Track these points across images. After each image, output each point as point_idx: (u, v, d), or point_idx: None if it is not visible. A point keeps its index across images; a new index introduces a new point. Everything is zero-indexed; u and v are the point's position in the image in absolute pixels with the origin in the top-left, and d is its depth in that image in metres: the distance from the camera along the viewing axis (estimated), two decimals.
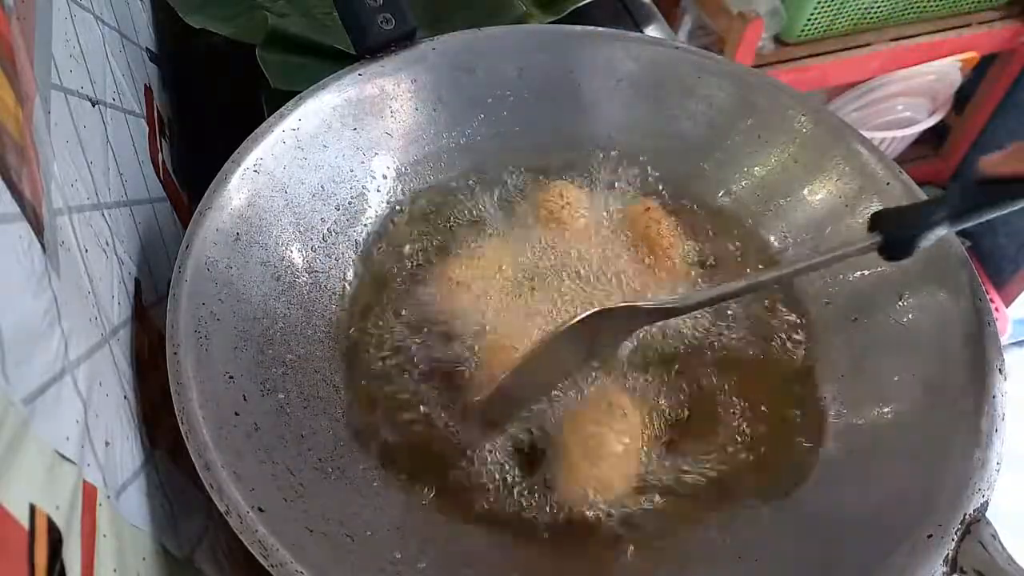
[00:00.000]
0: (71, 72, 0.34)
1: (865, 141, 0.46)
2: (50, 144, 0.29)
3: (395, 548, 0.34)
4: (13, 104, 0.25)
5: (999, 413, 0.35)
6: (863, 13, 1.09)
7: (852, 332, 0.42)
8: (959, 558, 0.31)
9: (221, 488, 0.30)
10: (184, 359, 0.34)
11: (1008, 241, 1.37)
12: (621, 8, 0.72)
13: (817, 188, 0.47)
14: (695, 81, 0.50)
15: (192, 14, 0.59)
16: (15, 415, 0.20)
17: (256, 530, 0.30)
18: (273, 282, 0.41)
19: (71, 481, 0.23)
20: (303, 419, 0.38)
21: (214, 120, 0.57)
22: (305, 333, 0.41)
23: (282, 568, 0.29)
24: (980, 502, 0.32)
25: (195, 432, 0.32)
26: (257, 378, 0.37)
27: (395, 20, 0.46)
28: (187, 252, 0.37)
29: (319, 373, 0.40)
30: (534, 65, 0.51)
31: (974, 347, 0.37)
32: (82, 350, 0.27)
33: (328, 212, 0.45)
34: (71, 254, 0.28)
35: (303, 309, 0.42)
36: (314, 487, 0.35)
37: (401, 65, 0.48)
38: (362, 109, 0.47)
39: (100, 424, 0.27)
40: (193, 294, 0.36)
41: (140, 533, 0.29)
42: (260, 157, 0.42)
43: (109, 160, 0.37)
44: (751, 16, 1.03)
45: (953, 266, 0.40)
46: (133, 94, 0.46)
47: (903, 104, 1.25)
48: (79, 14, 0.38)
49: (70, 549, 0.22)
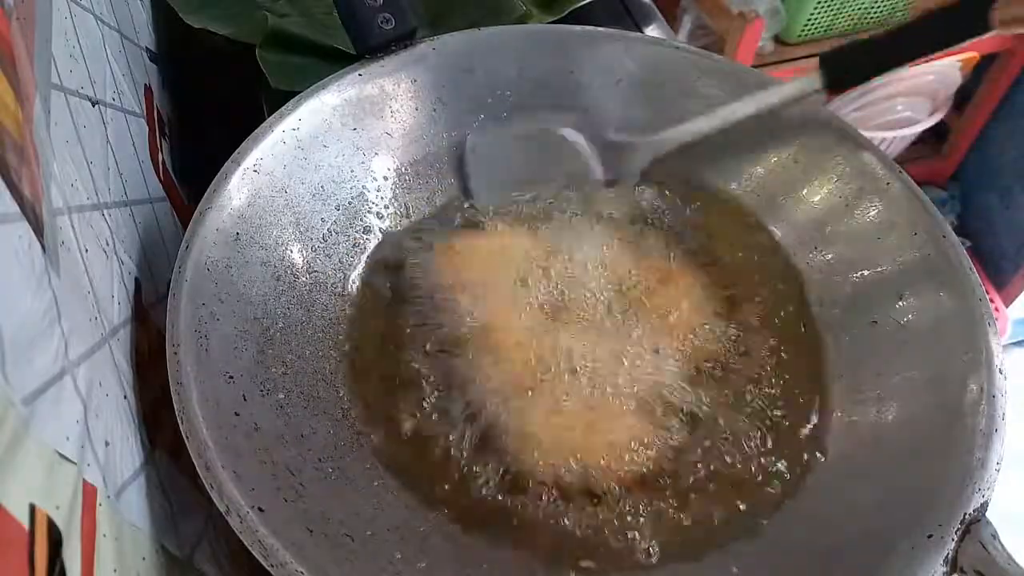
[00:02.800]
0: (71, 72, 0.34)
1: (865, 141, 0.46)
2: (50, 144, 0.29)
3: (395, 548, 0.34)
4: (13, 104, 0.25)
5: (999, 413, 0.35)
6: (863, 13, 1.09)
7: (852, 332, 0.42)
8: (959, 558, 0.31)
9: (221, 488, 0.30)
10: (184, 359, 0.34)
11: (1008, 241, 1.37)
12: (621, 8, 0.72)
13: (817, 188, 0.47)
14: (695, 81, 0.50)
15: (192, 14, 0.59)
16: (15, 415, 0.20)
17: (256, 530, 0.30)
18: (273, 282, 0.41)
19: (71, 481, 0.23)
20: (303, 419, 0.38)
21: (214, 120, 0.57)
22: (305, 333, 0.41)
23: (282, 568, 0.29)
24: (980, 502, 0.32)
25: (195, 432, 0.32)
26: (257, 378, 0.37)
27: (395, 20, 0.46)
28: (187, 252, 0.37)
29: (319, 373, 0.40)
30: (534, 65, 0.51)
31: (974, 347, 0.37)
32: (82, 350, 0.27)
33: (328, 212, 0.45)
34: (71, 254, 0.28)
35: (303, 309, 0.42)
36: (314, 487, 0.35)
37: (401, 65, 0.48)
38: (362, 109, 0.47)
39: (100, 424, 0.27)
40: (193, 294, 0.36)
41: (140, 533, 0.29)
42: (260, 157, 0.42)
43: (109, 160, 0.37)
44: (751, 16, 1.03)
45: (953, 266, 0.40)
46: (133, 94, 0.46)
47: (903, 104, 1.25)
48: (79, 14, 0.38)
49: (70, 549, 0.22)
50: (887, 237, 0.43)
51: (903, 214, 0.43)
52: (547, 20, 0.62)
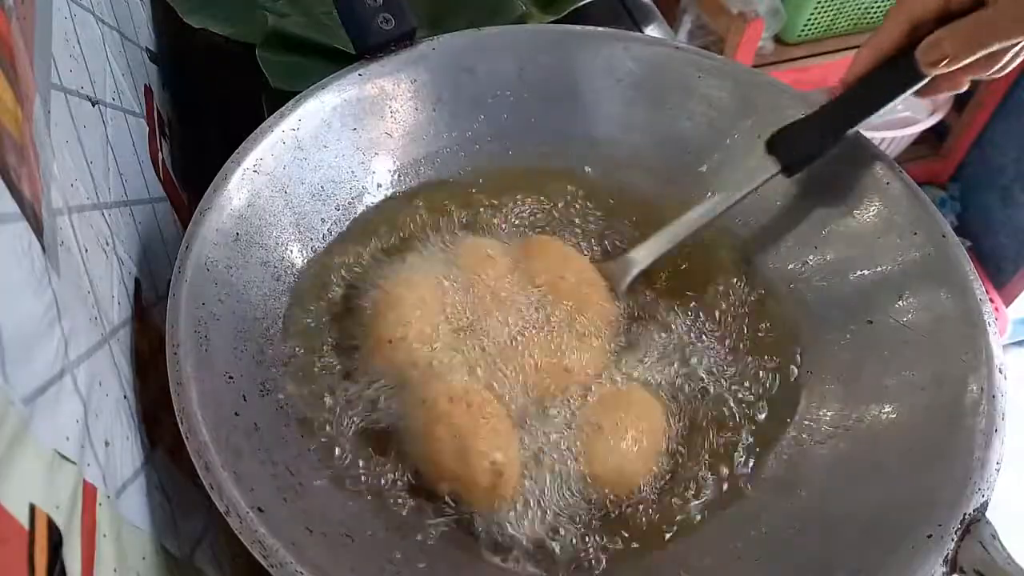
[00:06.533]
0: (71, 72, 0.34)
1: (865, 141, 0.46)
2: (50, 144, 0.29)
3: (395, 548, 0.34)
4: (13, 104, 0.25)
5: (999, 413, 0.35)
6: (863, 13, 1.09)
7: (852, 332, 0.42)
8: (959, 558, 0.31)
9: (221, 488, 0.30)
10: (184, 359, 0.34)
11: (1008, 241, 1.37)
12: (621, 8, 0.72)
13: (816, 188, 0.47)
14: (695, 81, 0.50)
15: (192, 14, 0.59)
16: (15, 415, 0.20)
17: (256, 530, 0.30)
18: (273, 282, 0.41)
19: (71, 481, 0.23)
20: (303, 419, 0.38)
21: (214, 120, 0.57)
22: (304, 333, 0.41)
23: (282, 568, 0.29)
24: (980, 502, 0.32)
25: (195, 432, 0.32)
26: (257, 378, 0.37)
27: (395, 20, 0.46)
28: (187, 252, 0.37)
29: (319, 373, 0.40)
30: (534, 65, 0.51)
31: (974, 347, 0.37)
32: (82, 350, 0.27)
33: (328, 212, 0.45)
34: (71, 254, 0.28)
35: (303, 309, 0.42)
36: (314, 487, 0.35)
37: (401, 65, 0.48)
38: (362, 109, 0.47)
39: (100, 424, 0.27)
40: (193, 294, 0.36)
41: (140, 533, 0.29)
42: (260, 157, 0.42)
43: (109, 160, 0.37)
44: (751, 16, 1.03)
45: (953, 266, 0.40)
46: (133, 94, 0.46)
47: (903, 104, 1.24)
48: (79, 14, 0.38)
49: (70, 549, 0.22)
50: (887, 237, 0.43)
51: (903, 214, 0.43)
52: (547, 20, 0.62)
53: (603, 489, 0.37)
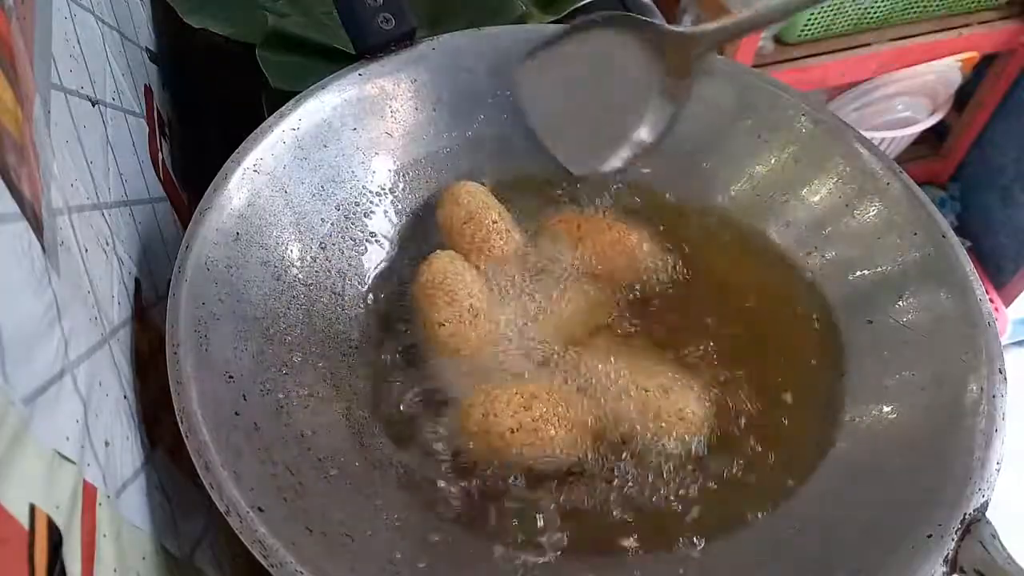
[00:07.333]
0: (71, 72, 0.34)
1: (865, 141, 0.46)
2: (50, 144, 0.29)
3: (395, 548, 0.34)
4: (13, 104, 0.25)
5: (999, 413, 0.35)
6: (863, 13, 1.09)
7: (851, 332, 0.42)
8: (959, 558, 0.31)
9: (221, 488, 0.30)
10: (184, 359, 0.34)
11: (1008, 241, 1.37)
12: (621, 8, 0.72)
13: (817, 188, 0.47)
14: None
15: (192, 14, 0.59)
16: (15, 415, 0.20)
17: (256, 530, 0.30)
18: (273, 282, 0.41)
19: (71, 481, 0.23)
20: (303, 419, 0.38)
21: (214, 120, 0.57)
22: (305, 333, 0.41)
23: (282, 568, 0.29)
24: (980, 502, 0.32)
25: (195, 432, 0.32)
26: (257, 378, 0.37)
27: (395, 20, 0.46)
28: (187, 252, 0.37)
29: (319, 373, 0.40)
30: None
31: (974, 347, 0.37)
32: (82, 350, 0.27)
33: (328, 212, 0.45)
34: (71, 254, 0.28)
35: (303, 309, 0.42)
36: (314, 487, 0.35)
37: (401, 65, 0.48)
38: (362, 109, 0.47)
39: (100, 424, 0.27)
40: (193, 294, 0.36)
41: (140, 533, 0.29)
42: (260, 157, 0.42)
43: (109, 160, 0.37)
44: None
45: (953, 266, 0.40)
46: (133, 94, 0.46)
47: (903, 104, 1.25)
48: (79, 14, 0.38)
49: (70, 549, 0.22)
50: (887, 237, 0.43)
51: (903, 214, 0.43)
52: (547, 20, 0.62)
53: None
